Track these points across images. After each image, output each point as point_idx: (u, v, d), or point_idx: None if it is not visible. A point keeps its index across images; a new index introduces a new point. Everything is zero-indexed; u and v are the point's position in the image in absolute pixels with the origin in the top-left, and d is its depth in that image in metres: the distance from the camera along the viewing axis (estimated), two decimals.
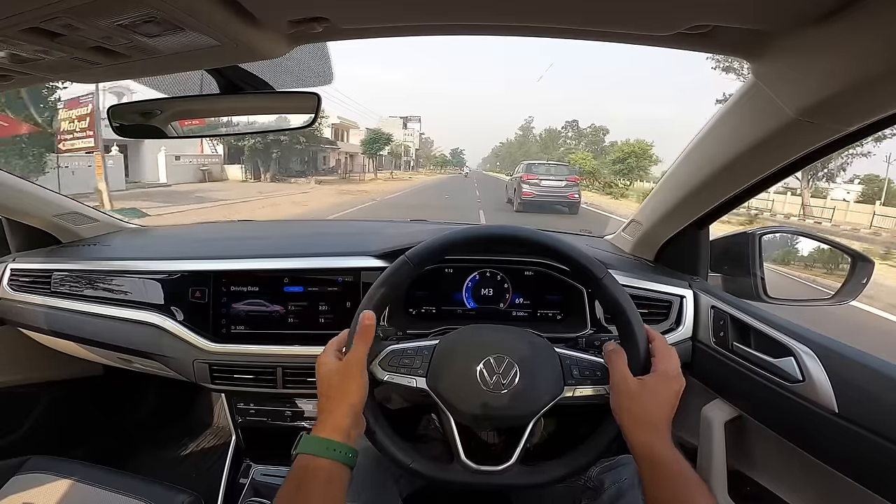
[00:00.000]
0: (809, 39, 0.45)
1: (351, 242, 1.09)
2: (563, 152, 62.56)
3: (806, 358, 0.65)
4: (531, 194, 11.52)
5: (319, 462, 0.48)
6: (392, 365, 0.61)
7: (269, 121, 0.80)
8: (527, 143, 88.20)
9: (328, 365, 0.56)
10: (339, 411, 0.52)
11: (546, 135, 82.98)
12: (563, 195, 11.70)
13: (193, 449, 1.54)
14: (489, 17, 0.48)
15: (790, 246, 1.02)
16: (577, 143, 72.34)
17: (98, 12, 0.39)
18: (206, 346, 0.92)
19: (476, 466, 0.59)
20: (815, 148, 0.60)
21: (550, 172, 12.23)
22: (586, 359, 0.63)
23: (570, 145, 73.09)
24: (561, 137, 78.21)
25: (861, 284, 0.85)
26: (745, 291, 0.89)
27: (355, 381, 0.54)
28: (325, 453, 0.49)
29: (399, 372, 0.61)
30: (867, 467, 0.57)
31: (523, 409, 0.59)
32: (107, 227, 1.26)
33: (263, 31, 0.46)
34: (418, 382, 0.60)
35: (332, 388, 0.54)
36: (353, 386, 0.54)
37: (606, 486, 0.73)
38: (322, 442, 0.49)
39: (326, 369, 0.55)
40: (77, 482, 0.81)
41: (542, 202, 11.46)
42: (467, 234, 0.65)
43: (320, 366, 0.56)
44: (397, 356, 0.62)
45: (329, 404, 0.53)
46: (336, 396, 0.53)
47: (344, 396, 0.53)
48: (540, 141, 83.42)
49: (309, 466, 0.48)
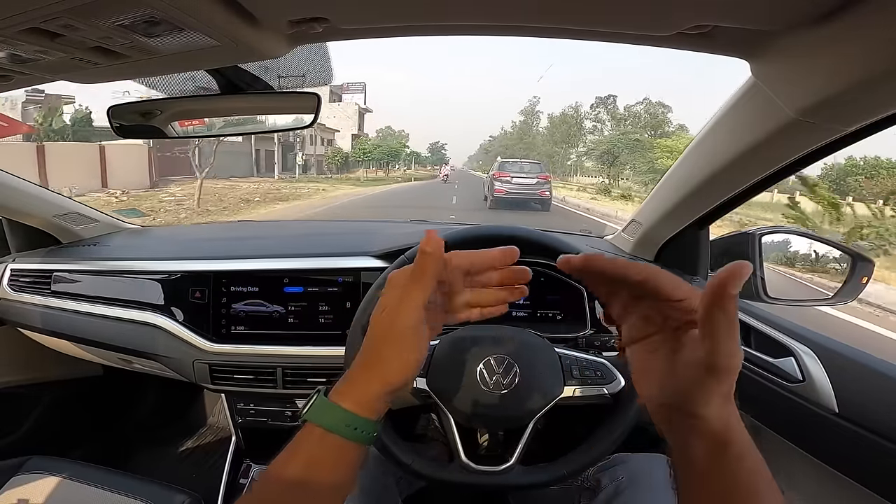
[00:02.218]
0: (809, 39, 0.45)
1: (351, 242, 1.09)
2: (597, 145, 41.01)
3: (806, 358, 0.65)
4: (503, 191, 11.82)
5: (333, 440, 0.36)
6: None
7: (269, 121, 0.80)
8: (529, 133, 64.29)
9: (375, 315, 0.38)
10: (373, 380, 0.37)
11: (560, 119, 54.73)
12: (535, 192, 11.97)
13: (193, 449, 1.54)
14: (489, 17, 0.48)
15: (790, 246, 1.02)
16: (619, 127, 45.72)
17: (98, 12, 0.39)
18: (205, 347, 0.92)
19: (476, 467, 0.59)
20: (815, 148, 0.60)
21: (523, 171, 12.51)
22: (586, 358, 0.63)
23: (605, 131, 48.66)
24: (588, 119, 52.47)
25: (861, 284, 0.85)
26: (746, 291, 0.89)
27: (407, 348, 0.37)
28: (345, 431, 0.36)
29: None
30: (867, 467, 0.57)
31: (523, 409, 0.59)
32: (107, 228, 1.26)
33: (263, 31, 0.46)
34: (418, 383, 0.60)
35: (375, 352, 0.38)
36: (401, 353, 0.37)
37: (603, 485, 0.73)
38: (343, 415, 0.36)
39: (373, 324, 0.38)
40: (77, 482, 0.81)
41: (513, 199, 11.76)
42: (465, 235, 0.65)
43: (389, 290, 0.39)
44: None
45: (365, 365, 0.37)
46: (375, 365, 0.37)
47: (385, 364, 0.37)
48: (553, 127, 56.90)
49: (320, 442, 0.36)
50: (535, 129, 65.85)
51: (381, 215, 9.40)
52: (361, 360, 0.38)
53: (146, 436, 1.55)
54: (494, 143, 79.95)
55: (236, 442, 1.14)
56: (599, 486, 0.73)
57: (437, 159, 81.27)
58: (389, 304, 0.37)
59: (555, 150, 54.52)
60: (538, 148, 58.47)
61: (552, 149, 54.86)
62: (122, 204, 10.01)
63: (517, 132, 67.86)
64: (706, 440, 0.31)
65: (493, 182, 12.33)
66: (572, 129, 53.31)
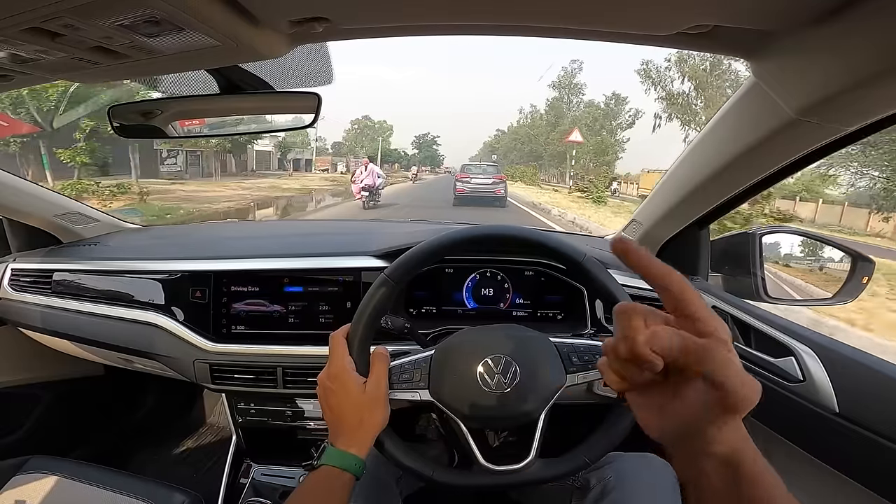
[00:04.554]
0: (809, 39, 0.45)
1: (351, 242, 1.09)
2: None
3: (806, 358, 0.65)
4: (463, 191, 13.51)
5: (345, 476, 0.53)
6: (392, 381, 0.61)
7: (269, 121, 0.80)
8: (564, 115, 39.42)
9: (355, 381, 0.58)
10: (367, 433, 0.57)
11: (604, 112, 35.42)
12: (491, 191, 13.58)
13: (193, 449, 1.54)
14: (489, 17, 0.48)
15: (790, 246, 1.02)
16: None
17: (98, 12, 0.39)
18: (206, 346, 0.92)
19: (497, 468, 0.59)
20: (815, 148, 0.60)
21: (483, 172, 14.45)
22: (583, 343, 0.62)
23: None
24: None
25: (861, 284, 0.85)
26: (746, 291, 0.89)
27: (385, 406, 0.59)
28: (352, 468, 0.54)
29: (401, 387, 0.61)
30: (867, 467, 0.57)
31: (530, 403, 0.59)
32: (107, 227, 1.26)
33: (263, 31, 0.46)
34: (422, 395, 0.60)
35: (365, 407, 0.57)
36: (382, 411, 0.58)
37: (592, 484, 0.73)
38: (351, 458, 0.54)
39: (354, 384, 0.58)
40: (77, 482, 0.81)
41: (472, 197, 13.36)
42: (439, 242, 0.63)
43: (343, 380, 0.58)
44: (396, 372, 0.61)
45: (359, 424, 0.57)
46: (368, 417, 0.57)
47: (374, 419, 0.57)
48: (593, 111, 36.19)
49: (336, 478, 0.53)
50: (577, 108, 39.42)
51: None
52: (355, 417, 0.56)
53: (146, 436, 1.55)
54: (504, 138, 59.69)
55: (237, 442, 1.14)
56: (588, 486, 0.73)
57: (427, 157, 65.72)
58: (371, 382, 0.58)
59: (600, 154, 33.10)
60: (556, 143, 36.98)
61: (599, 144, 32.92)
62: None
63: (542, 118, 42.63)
64: (717, 464, 0.31)
65: (455, 183, 14.16)
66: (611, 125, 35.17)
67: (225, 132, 0.88)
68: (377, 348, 0.61)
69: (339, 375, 0.57)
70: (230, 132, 0.88)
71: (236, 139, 18.74)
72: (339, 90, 22.15)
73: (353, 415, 0.56)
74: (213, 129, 0.85)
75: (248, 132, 0.88)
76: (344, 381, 0.57)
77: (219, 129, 0.85)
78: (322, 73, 0.70)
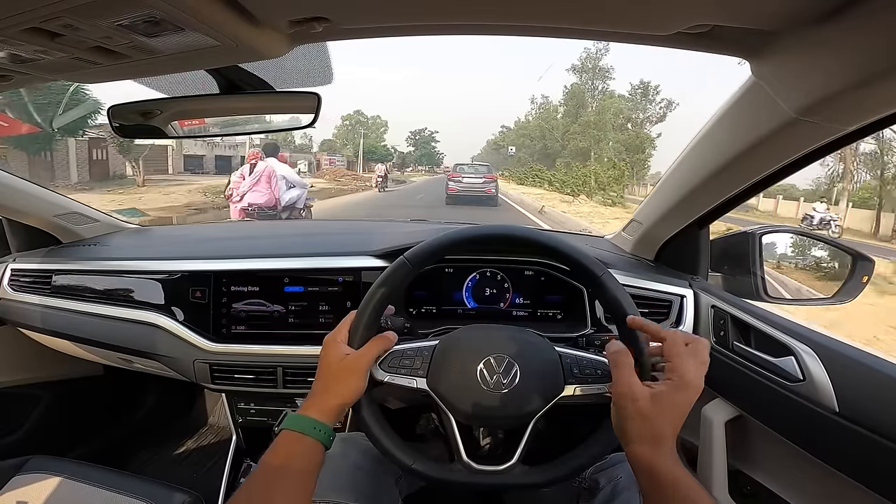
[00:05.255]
0: (809, 39, 0.45)
1: (351, 242, 1.09)
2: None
3: (806, 357, 0.65)
4: (455, 190, 13.77)
5: (305, 440, 0.52)
6: (392, 366, 0.61)
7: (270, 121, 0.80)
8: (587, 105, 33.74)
9: (337, 352, 0.57)
10: (332, 399, 0.55)
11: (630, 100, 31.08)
12: (482, 190, 13.77)
13: (193, 449, 1.54)
14: (489, 17, 0.48)
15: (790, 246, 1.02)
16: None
17: (98, 12, 0.39)
18: (206, 346, 0.92)
19: (478, 466, 0.59)
20: (815, 148, 0.60)
21: (474, 171, 14.74)
22: (586, 357, 0.63)
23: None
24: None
25: (861, 283, 0.85)
26: (746, 291, 0.89)
27: (358, 378, 0.57)
28: (312, 432, 0.52)
29: (399, 373, 0.61)
30: (867, 467, 0.57)
31: (524, 408, 0.59)
32: (107, 228, 1.26)
33: (263, 31, 0.46)
34: (418, 383, 0.60)
35: (333, 376, 0.56)
36: (353, 382, 0.56)
37: (601, 485, 0.73)
38: (309, 422, 0.53)
39: (335, 354, 0.57)
40: (77, 482, 0.81)
41: (464, 196, 13.58)
42: (465, 235, 0.65)
43: (328, 347, 0.58)
44: (397, 357, 0.61)
45: (324, 389, 0.56)
46: (333, 385, 0.56)
47: (341, 388, 0.56)
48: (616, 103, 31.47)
49: (295, 442, 0.52)
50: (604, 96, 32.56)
51: None
52: (322, 383, 0.56)
53: (146, 436, 1.55)
54: (510, 134, 52.96)
55: (237, 442, 1.14)
56: (598, 487, 0.73)
57: (424, 156, 61.13)
58: (353, 354, 0.57)
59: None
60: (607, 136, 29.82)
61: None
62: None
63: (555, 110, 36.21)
64: (635, 469, 0.49)
65: (447, 182, 14.42)
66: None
67: (225, 132, 0.87)
68: (387, 332, 0.61)
69: (329, 344, 0.58)
70: (230, 132, 0.88)
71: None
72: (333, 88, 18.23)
73: (322, 381, 0.56)
74: (213, 129, 0.85)
75: (247, 132, 0.88)
76: (330, 349, 0.58)
77: (218, 128, 0.85)
78: (322, 73, 0.70)
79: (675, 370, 0.49)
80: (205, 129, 0.84)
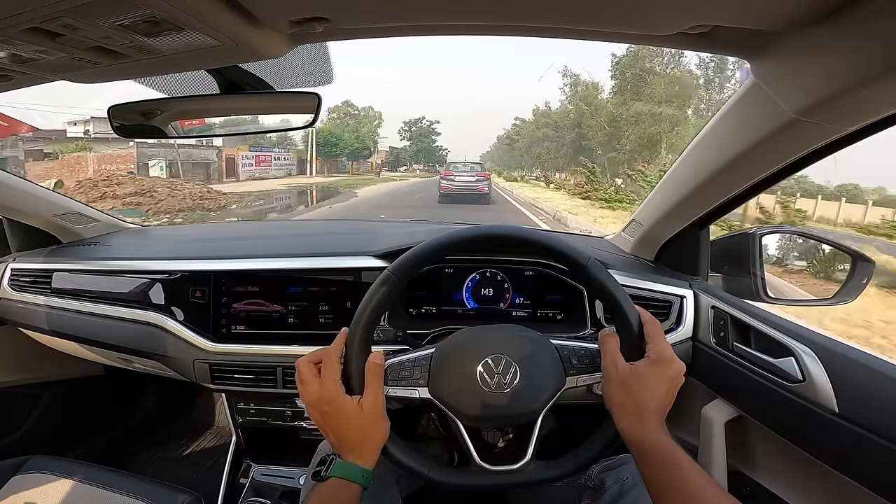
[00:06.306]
0: (809, 39, 0.45)
1: (351, 242, 1.09)
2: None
3: (806, 358, 0.65)
4: (447, 188, 13.89)
5: (352, 487, 0.54)
6: (392, 379, 0.61)
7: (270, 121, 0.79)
8: (645, 85, 20.53)
9: (350, 404, 0.56)
10: (372, 448, 0.57)
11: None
12: (475, 188, 13.90)
13: (193, 449, 1.54)
14: (489, 17, 0.48)
15: (790, 246, 1.02)
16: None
17: (98, 12, 0.39)
18: (206, 346, 0.92)
19: (493, 468, 0.59)
20: (815, 148, 0.60)
21: (466, 170, 14.79)
22: (583, 346, 0.62)
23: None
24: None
25: (861, 284, 0.85)
26: (746, 291, 0.89)
27: (385, 420, 0.58)
28: (360, 479, 0.55)
29: (400, 384, 0.60)
30: (867, 467, 0.57)
31: (529, 405, 0.59)
32: (107, 227, 1.27)
33: (263, 31, 0.46)
34: (421, 393, 0.60)
35: (365, 426, 0.57)
36: (383, 425, 0.58)
37: (608, 485, 0.73)
38: (357, 469, 0.55)
39: (350, 407, 0.56)
40: (77, 482, 0.81)
41: (457, 195, 13.66)
42: (444, 241, 0.63)
43: (342, 415, 0.56)
44: (396, 370, 0.61)
45: (362, 439, 0.57)
46: (369, 439, 0.57)
47: (375, 433, 0.57)
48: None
49: (342, 489, 0.54)
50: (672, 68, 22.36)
51: None
52: (359, 435, 0.57)
53: (146, 436, 1.55)
54: (527, 126, 44.98)
55: (236, 442, 1.14)
56: (604, 487, 0.73)
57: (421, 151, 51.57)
58: (368, 401, 0.57)
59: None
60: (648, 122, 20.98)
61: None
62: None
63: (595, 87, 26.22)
64: (630, 448, 0.54)
65: (440, 181, 14.60)
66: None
67: (225, 132, 0.88)
68: (371, 357, 0.59)
69: (333, 400, 0.56)
70: (230, 132, 0.88)
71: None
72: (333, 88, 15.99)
73: (355, 433, 0.56)
74: (213, 129, 0.85)
75: (247, 132, 0.88)
76: (338, 405, 0.56)
77: (218, 129, 0.85)
78: (322, 73, 0.70)
79: (654, 348, 0.56)
80: (204, 129, 0.84)
